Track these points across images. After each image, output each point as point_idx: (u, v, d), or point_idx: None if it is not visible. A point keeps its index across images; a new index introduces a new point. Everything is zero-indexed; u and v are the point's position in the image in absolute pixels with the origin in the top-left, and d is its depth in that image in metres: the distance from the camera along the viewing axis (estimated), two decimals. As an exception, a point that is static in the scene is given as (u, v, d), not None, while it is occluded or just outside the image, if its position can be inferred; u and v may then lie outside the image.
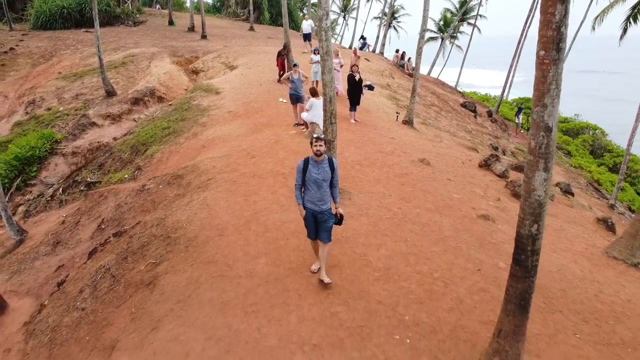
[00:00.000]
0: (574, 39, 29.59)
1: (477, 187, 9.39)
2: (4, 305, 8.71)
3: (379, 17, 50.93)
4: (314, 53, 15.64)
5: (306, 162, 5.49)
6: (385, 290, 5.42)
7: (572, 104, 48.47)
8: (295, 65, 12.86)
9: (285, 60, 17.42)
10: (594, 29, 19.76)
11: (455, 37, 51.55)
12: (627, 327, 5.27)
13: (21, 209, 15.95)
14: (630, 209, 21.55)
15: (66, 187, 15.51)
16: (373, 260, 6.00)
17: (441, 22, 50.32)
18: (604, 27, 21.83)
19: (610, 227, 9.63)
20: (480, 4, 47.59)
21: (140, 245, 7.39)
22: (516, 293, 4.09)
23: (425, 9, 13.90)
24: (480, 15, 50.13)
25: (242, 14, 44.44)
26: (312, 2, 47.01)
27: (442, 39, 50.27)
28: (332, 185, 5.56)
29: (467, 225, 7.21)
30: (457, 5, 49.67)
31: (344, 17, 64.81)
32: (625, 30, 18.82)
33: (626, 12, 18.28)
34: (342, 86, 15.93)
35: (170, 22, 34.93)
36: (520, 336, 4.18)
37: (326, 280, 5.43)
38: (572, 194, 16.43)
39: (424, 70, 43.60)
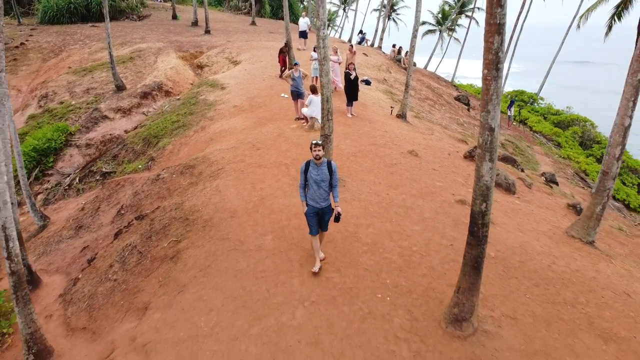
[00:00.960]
0: (567, 33, 30.49)
1: (459, 176, 10.49)
2: (37, 281, 9.79)
3: (378, 9, 51.62)
4: (314, 50, 16.65)
5: (307, 164, 6.25)
6: (372, 260, 6.55)
7: (566, 96, 49.34)
8: (296, 64, 13.87)
9: (287, 57, 18.40)
10: (579, 27, 20.65)
11: (453, 30, 52.34)
12: (570, 290, 6.40)
13: (40, 197, 17.10)
14: (614, 198, 22.67)
15: (82, 176, 16.62)
16: (362, 237, 7.12)
17: (439, 15, 51.05)
18: (599, 14, 22.56)
19: (579, 212, 10.72)
20: (477, -4, 48.17)
21: (162, 226, 8.51)
22: (471, 258, 5.20)
23: (418, 10, 14.86)
24: (478, 8, 50.88)
25: (243, 7, 45.23)
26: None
27: (440, 31, 51.10)
28: (331, 185, 6.27)
29: (445, 209, 8.32)
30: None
31: (344, 9, 65.41)
32: (610, 27, 19.74)
33: (610, 11, 19.20)
34: (340, 80, 16.90)
35: (174, 17, 35.76)
36: (474, 292, 5.30)
37: (322, 255, 6.51)
38: (557, 183, 17.52)
39: (422, 62, 44.53)
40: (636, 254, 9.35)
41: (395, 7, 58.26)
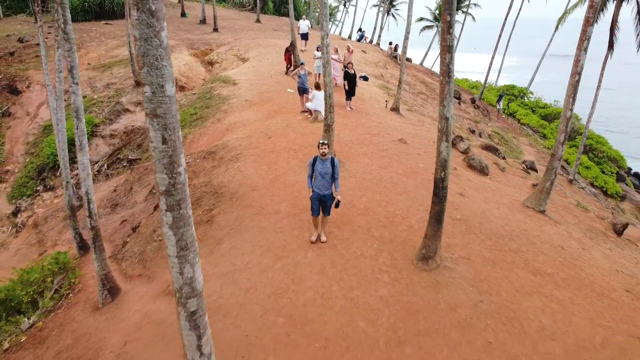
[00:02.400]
0: (557, 27, 32.21)
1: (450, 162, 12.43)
2: (87, 247, 11.77)
3: (378, 5, 53.30)
4: (317, 50, 18.56)
5: (315, 159, 7.62)
6: (364, 220, 8.54)
7: (558, 90, 50.97)
8: (302, 63, 15.77)
9: (292, 55, 20.27)
10: (557, 28, 22.43)
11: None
12: (516, 243, 8.39)
13: (71, 182, 19.08)
14: (592, 185, 24.64)
15: (110, 163, 18.61)
16: (357, 204, 9.10)
17: (437, 11, 52.65)
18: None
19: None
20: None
21: (196, 199, 10.49)
22: (434, 212, 7.17)
23: (409, 15, 16.73)
24: (475, 5, 52.52)
25: (247, 3, 46.95)
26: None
27: (437, 27, 52.74)
28: (333, 178, 7.55)
29: (425, 185, 10.28)
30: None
31: (345, 5, 67.06)
32: (592, 22, 21.53)
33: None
34: (340, 76, 18.78)
35: (183, 14, 37.51)
36: (437, 238, 7.28)
37: (323, 239, 7.97)
38: (536, 170, 19.50)
39: (419, 56, 46.28)
40: (584, 223, 11.34)
41: (394, 3, 59.89)
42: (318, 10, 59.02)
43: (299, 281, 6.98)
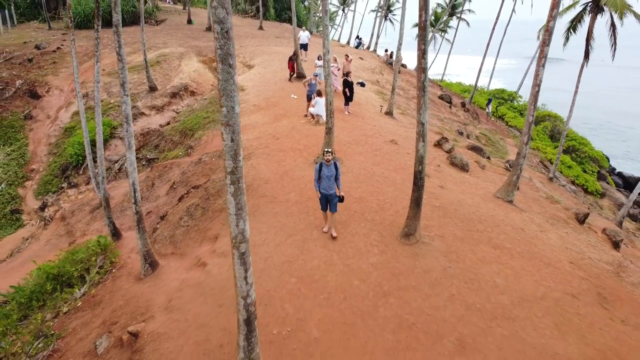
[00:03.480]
0: (538, 38, 34.12)
1: (427, 158, 14.28)
2: (119, 234, 13.55)
3: (376, 10, 55.26)
4: (318, 59, 20.42)
5: (321, 165, 8.99)
6: (359, 207, 10.37)
7: (546, 94, 52.84)
8: (315, 75, 17.46)
9: (295, 64, 22.11)
10: (538, 38, 24.29)
11: (444, 31, 55.97)
12: (483, 225, 10.23)
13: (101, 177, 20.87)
14: (573, 182, 26.51)
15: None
16: (353, 194, 10.93)
17: (432, 17, 54.65)
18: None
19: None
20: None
21: (216, 191, 12.31)
22: (414, 198, 9.00)
23: (401, 28, 18.58)
24: (469, 10, 54.50)
25: (250, 10, 48.82)
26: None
27: (433, 32, 54.67)
28: (336, 179, 9.00)
29: (411, 179, 11.99)
30: (447, 1, 53.95)
31: (343, 10, 69.08)
32: (567, 38, 23.47)
33: (566, 24, 22.92)
34: (339, 83, 20.62)
35: (189, 21, 39.35)
36: (417, 219, 9.10)
37: (334, 234, 9.66)
38: (518, 169, 21.30)
39: (414, 59, 48.21)
40: (549, 213, 13.19)
41: (392, 8, 61.98)
42: (318, 14, 61.12)
43: (306, 252, 8.80)
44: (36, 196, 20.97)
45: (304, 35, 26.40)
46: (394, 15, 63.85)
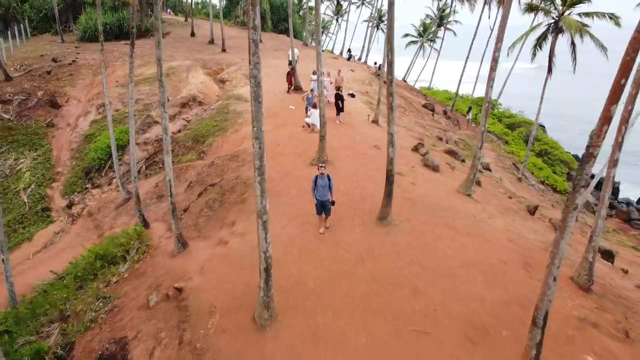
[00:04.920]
0: (508, 55, 37.29)
1: (404, 160, 17.15)
2: (148, 224, 16.23)
3: (367, 21, 58.40)
4: (313, 74, 23.31)
5: (316, 177, 11.27)
6: (346, 198, 13.19)
7: (523, 101, 56.00)
8: (312, 90, 20.31)
9: (292, 77, 24.95)
10: (508, 55, 27.25)
11: (432, 41, 59.17)
12: (443, 212, 13.07)
13: (115, 181, 23.56)
14: (542, 182, 29.49)
15: (147, 165, 23.14)
16: (342, 189, 13.74)
17: (421, 28, 57.90)
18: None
19: (478, 183, 17.37)
20: (453, 11, 54.85)
21: (230, 188, 15.07)
22: (387, 190, 11.82)
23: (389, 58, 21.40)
24: (456, 21, 57.74)
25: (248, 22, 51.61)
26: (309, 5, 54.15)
27: (422, 42, 57.86)
28: (329, 187, 11.26)
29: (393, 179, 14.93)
30: (436, 12, 57.15)
31: (337, 20, 72.33)
32: (534, 54, 26.49)
33: (533, 42, 25.95)
34: (331, 95, 23.44)
35: (192, 34, 42.13)
36: (389, 206, 11.91)
37: (327, 225, 12.69)
38: (490, 170, 24.29)
39: (405, 65, 51.33)
40: (502, 205, 16.05)
41: (383, 19, 65.07)
42: (312, 23, 64.19)
43: (305, 232, 11.60)
44: (63, 196, 23.61)
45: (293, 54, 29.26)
46: (385, 24, 66.91)
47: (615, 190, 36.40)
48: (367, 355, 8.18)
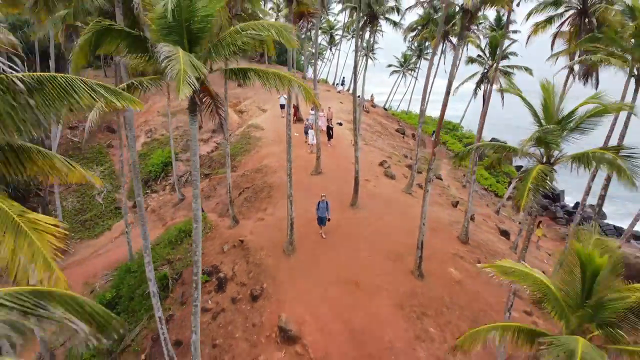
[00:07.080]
0: (454, 95, 46.81)
1: (371, 172, 26.10)
2: (204, 214, 25.04)
3: (355, 51, 67.77)
4: (311, 110, 32.40)
5: (319, 201, 19.42)
6: (333, 187, 22.10)
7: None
8: (307, 119, 29.31)
9: (296, 111, 33.93)
10: (454, 93, 36.60)
11: (413, 70, 68.67)
12: (394, 203, 22.02)
13: (167, 188, 32.34)
14: (486, 189, 38.51)
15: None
16: (329, 187, 22.64)
17: (402, 60, 67.49)
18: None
19: (420, 187, 26.26)
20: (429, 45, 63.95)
21: (260, 189, 23.91)
22: (355, 188, 20.71)
23: (354, 116, 30.49)
24: (435, 53, 67.09)
25: (255, 56, 61.07)
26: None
27: (403, 72, 67.34)
28: (327, 209, 20.23)
29: (361, 183, 23.83)
30: (416, 46, 66.64)
31: (330, 49, 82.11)
32: (475, 93, 35.78)
33: (473, 85, 35.24)
34: (324, 125, 32.32)
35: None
36: (356, 197, 20.79)
37: (324, 234, 21.65)
38: (441, 179, 33.31)
39: (384, 96, 60.72)
40: (435, 201, 24.97)
41: (373, 49, 74.56)
42: (308, 50, 73.77)
43: (307, 209, 20.44)
44: (128, 198, 32.26)
45: (282, 99, 37.79)
46: (373, 53, 76.41)
47: (557, 197, 45.61)
48: (341, 266, 17.03)
